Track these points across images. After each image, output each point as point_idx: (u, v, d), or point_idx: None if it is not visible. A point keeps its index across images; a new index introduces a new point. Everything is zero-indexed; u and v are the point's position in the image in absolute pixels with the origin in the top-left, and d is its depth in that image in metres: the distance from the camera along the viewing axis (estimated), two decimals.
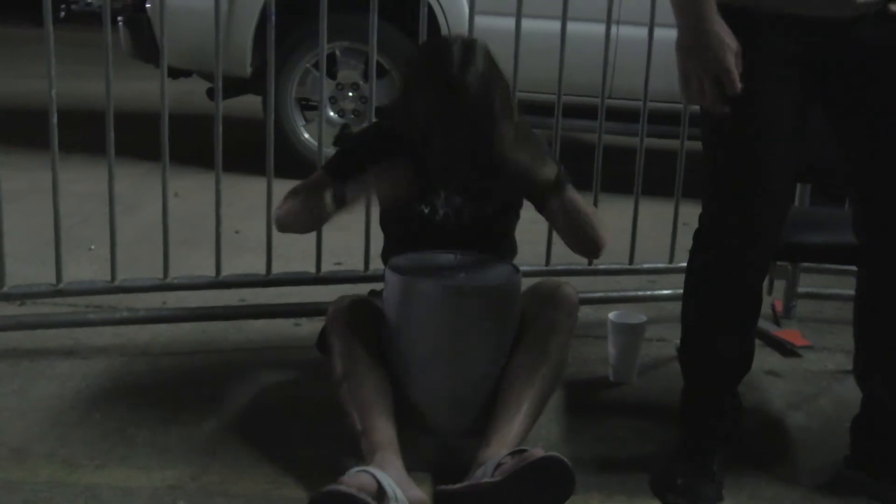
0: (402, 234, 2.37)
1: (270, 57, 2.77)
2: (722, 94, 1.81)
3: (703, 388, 2.10)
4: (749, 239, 1.97)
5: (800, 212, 2.71)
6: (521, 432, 2.02)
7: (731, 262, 1.99)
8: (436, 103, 2.12)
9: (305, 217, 2.31)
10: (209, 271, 2.83)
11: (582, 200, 2.25)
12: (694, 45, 1.81)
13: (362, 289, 2.83)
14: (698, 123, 2.04)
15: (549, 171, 2.21)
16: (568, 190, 2.22)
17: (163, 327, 2.77)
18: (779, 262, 2.93)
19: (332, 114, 4.93)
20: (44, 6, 2.53)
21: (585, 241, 2.26)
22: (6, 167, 2.62)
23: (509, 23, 2.84)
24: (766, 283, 2.33)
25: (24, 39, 10.98)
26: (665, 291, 3.08)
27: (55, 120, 2.57)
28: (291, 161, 4.26)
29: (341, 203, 2.20)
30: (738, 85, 1.79)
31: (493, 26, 2.91)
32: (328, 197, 2.20)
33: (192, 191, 4.07)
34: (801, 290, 3.08)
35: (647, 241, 3.18)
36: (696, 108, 1.97)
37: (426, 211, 2.29)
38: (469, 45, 2.17)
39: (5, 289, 2.62)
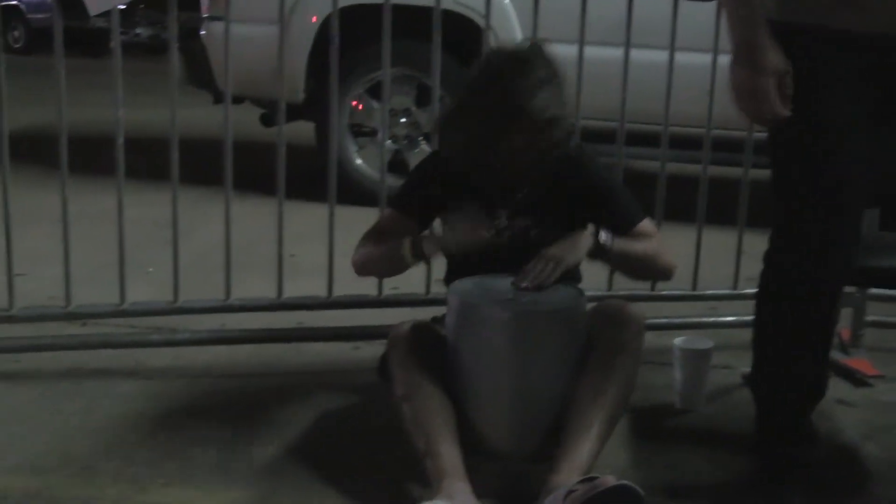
0: (464, 256, 2.37)
1: (334, 79, 2.80)
2: (762, 116, 1.83)
3: (778, 414, 2.08)
4: (823, 260, 1.95)
5: (869, 236, 2.67)
6: (590, 457, 2.00)
7: (805, 283, 1.97)
8: (493, 121, 2.11)
9: (385, 267, 2.40)
10: (266, 294, 2.85)
11: (634, 245, 2.23)
12: (739, 62, 1.83)
13: (423, 312, 2.83)
14: (763, 151, 2.04)
15: (581, 249, 2.18)
16: (614, 247, 2.19)
17: (222, 350, 2.79)
18: (846, 289, 2.90)
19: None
20: (112, 39, 2.58)
21: (650, 277, 2.29)
22: (56, 192, 2.67)
23: (564, 50, 2.83)
24: None
25: (73, 69, 11.18)
26: (729, 318, 3.06)
27: (121, 141, 2.62)
28: (343, 187, 4.29)
29: (420, 258, 2.25)
30: (777, 107, 1.79)
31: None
32: (406, 250, 2.23)
33: (244, 216, 4.09)
34: (868, 318, 3.04)
35: (710, 268, 3.16)
36: (761, 135, 1.98)
37: (490, 235, 2.29)
38: (526, 57, 2.15)
39: (70, 308, 2.66)
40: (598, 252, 2.18)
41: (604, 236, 2.17)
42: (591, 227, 2.21)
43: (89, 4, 2.48)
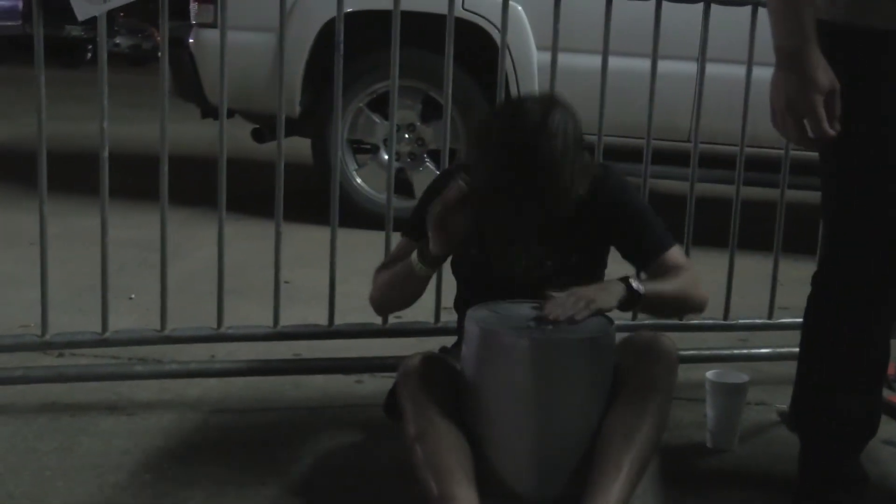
0: (479, 286, 2.35)
1: (338, 89, 2.77)
2: (807, 135, 1.80)
3: (825, 454, 2.05)
4: (879, 286, 1.93)
5: None
6: (620, 501, 1.97)
7: (859, 310, 1.95)
8: (506, 163, 2.10)
9: (399, 289, 2.34)
10: (261, 322, 2.83)
11: (665, 286, 2.22)
12: (782, 79, 1.81)
13: (431, 342, 2.82)
14: (799, 170, 2.02)
15: (613, 296, 2.15)
16: (647, 293, 2.16)
17: (213, 382, 2.77)
18: None
19: (385, 156, 4.95)
20: (99, 49, 2.56)
21: (680, 312, 2.39)
22: (31, 212, 2.65)
23: (579, 60, 2.82)
24: None
25: (50, 81, 11.23)
26: (763, 350, 3.04)
27: (106, 154, 2.59)
28: (342, 208, 4.28)
29: (428, 259, 2.22)
30: (826, 127, 1.77)
31: (563, 64, 2.90)
32: (414, 256, 2.23)
33: (234, 239, 4.09)
34: None
35: (741, 297, 3.14)
36: (798, 153, 1.96)
37: (505, 267, 2.28)
38: (547, 104, 2.15)
39: (47, 337, 2.63)
40: (630, 301, 2.16)
41: (636, 284, 2.16)
42: (621, 276, 2.20)
43: (77, 8, 2.47)
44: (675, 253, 2.30)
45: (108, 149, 2.58)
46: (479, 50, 4.40)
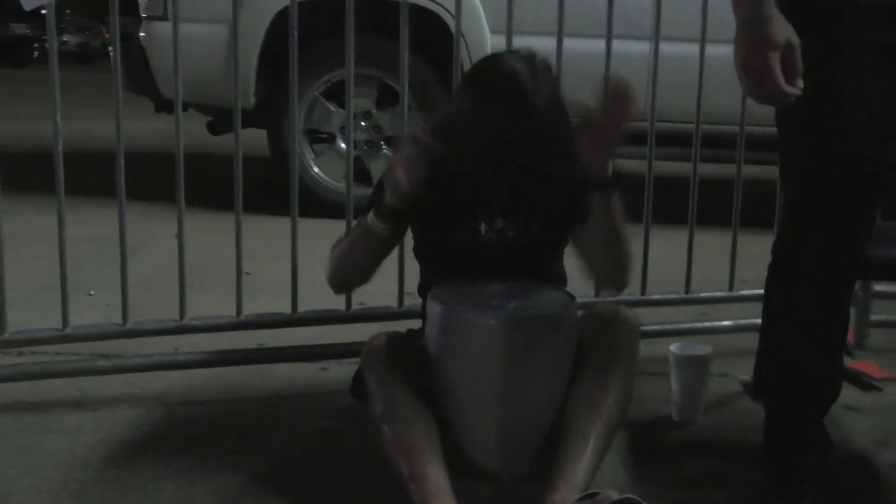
0: (440, 263, 2.36)
1: (293, 78, 2.76)
2: (767, 93, 1.80)
3: (789, 419, 2.07)
4: (838, 250, 1.95)
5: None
6: (589, 472, 1.99)
7: (819, 273, 1.96)
8: (504, 123, 2.09)
9: (357, 255, 2.27)
10: (224, 313, 2.81)
11: (625, 222, 2.18)
12: (739, 38, 1.81)
13: (397, 327, 2.80)
14: (755, 146, 2.03)
15: (605, 164, 2.11)
16: (615, 198, 2.12)
17: (177, 375, 2.75)
18: None
19: (342, 145, 4.94)
20: (49, 40, 2.53)
21: (616, 260, 2.19)
22: None
23: (532, 43, 2.81)
24: None
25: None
26: (724, 322, 3.07)
27: (60, 148, 2.57)
28: (301, 198, 4.27)
29: (388, 218, 2.17)
30: (780, 84, 1.77)
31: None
32: (371, 215, 2.18)
33: (193, 232, 4.06)
34: (873, 318, 3.06)
35: (701, 272, 3.17)
36: (754, 129, 1.95)
37: (467, 238, 2.28)
38: (532, 61, 2.15)
39: (6, 335, 2.60)
40: (606, 183, 2.10)
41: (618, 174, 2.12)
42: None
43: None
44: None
45: (62, 146, 2.55)
46: (433, 35, 4.40)
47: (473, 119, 2.14)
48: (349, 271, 2.32)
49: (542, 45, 3.23)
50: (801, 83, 1.79)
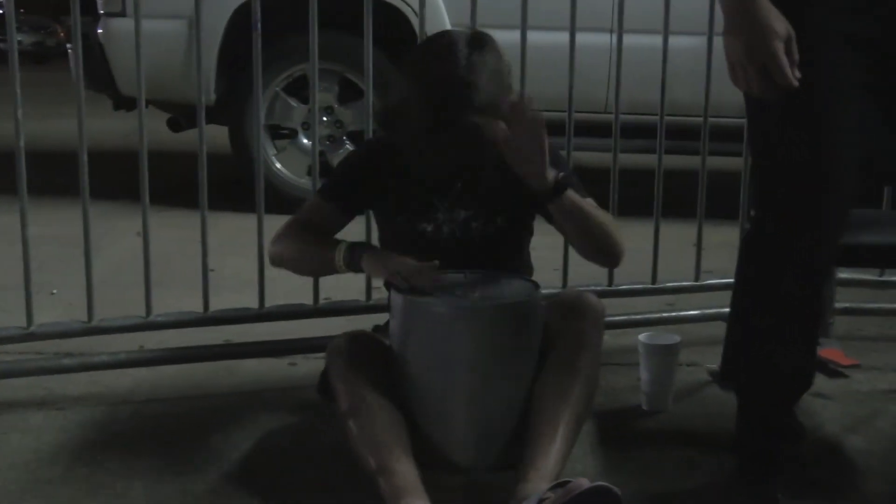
0: (403, 253, 2.35)
1: (257, 71, 2.74)
2: (770, 83, 1.81)
3: (762, 407, 2.08)
4: (816, 238, 1.94)
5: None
6: (558, 461, 1.98)
7: (797, 263, 1.96)
8: (441, 101, 2.07)
9: (309, 267, 2.38)
10: (189, 309, 2.79)
11: (588, 203, 2.18)
12: (737, 30, 1.80)
13: (364, 321, 2.81)
14: (719, 137, 2.02)
15: (545, 169, 2.10)
16: (567, 193, 2.12)
17: (144, 372, 2.72)
18: None
19: (304, 140, 4.92)
20: (8, 31, 2.50)
21: (598, 244, 2.18)
22: None
23: (498, 36, 2.82)
24: None
25: None
26: (692, 312, 3.09)
27: (22, 143, 2.54)
28: (264, 193, 4.26)
29: (352, 268, 2.20)
30: (788, 72, 1.79)
31: None
32: (340, 257, 2.19)
33: (154, 229, 4.04)
34: (837, 305, 3.09)
35: (666, 262, 3.18)
36: (717, 120, 1.94)
37: (429, 229, 2.28)
38: (476, 38, 2.14)
39: None
40: (554, 188, 2.10)
41: (562, 174, 2.11)
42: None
43: None
44: (594, 204, 2.26)
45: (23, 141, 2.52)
46: (392, 28, 4.39)
47: (410, 95, 2.12)
48: (297, 269, 2.38)
49: (504, 38, 3.26)
50: (798, 73, 1.79)
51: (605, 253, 2.23)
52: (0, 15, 2.82)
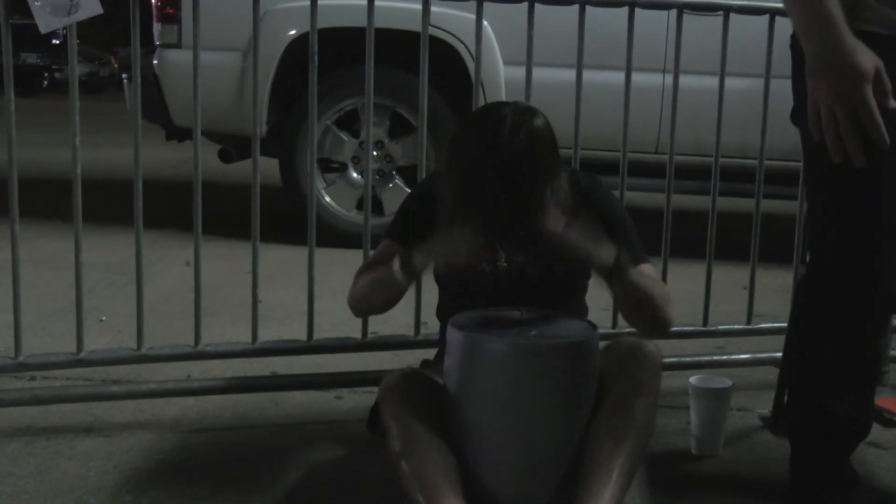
0: (459, 288, 2.35)
1: (312, 102, 2.77)
2: (857, 128, 1.77)
3: (818, 457, 2.04)
4: (873, 284, 1.92)
5: None
6: None
7: (855, 311, 1.94)
8: (479, 159, 2.10)
9: (377, 293, 2.28)
10: (236, 339, 2.80)
11: (646, 280, 2.19)
12: (823, 70, 1.77)
13: (411, 355, 2.81)
14: (774, 180, 2.01)
15: (606, 253, 2.13)
16: (628, 274, 2.14)
17: (190, 401, 2.73)
18: None
19: (354, 175, 4.95)
20: (70, 61, 2.53)
21: (648, 318, 2.21)
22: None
23: (549, 73, 2.81)
24: None
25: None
26: (743, 356, 3.05)
27: (79, 171, 2.57)
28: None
29: (409, 270, 2.18)
30: (878, 118, 1.75)
31: (535, 79, 2.89)
32: (396, 265, 2.18)
33: (202, 260, 4.08)
34: (893, 353, 3.03)
35: (716, 305, 3.15)
36: (772, 163, 1.92)
37: (487, 270, 2.27)
38: (523, 109, 2.17)
39: (20, 359, 2.58)
40: (615, 269, 2.12)
41: (624, 255, 2.13)
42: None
43: (40, 21, 2.45)
44: (651, 269, 2.30)
45: (70, 174, 2.55)
46: (444, 65, 4.41)
47: (461, 154, 2.16)
48: (369, 302, 2.35)
49: (556, 76, 3.28)
50: (894, 102, 1.76)
51: (651, 325, 2.23)
52: (58, 45, 2.85)
